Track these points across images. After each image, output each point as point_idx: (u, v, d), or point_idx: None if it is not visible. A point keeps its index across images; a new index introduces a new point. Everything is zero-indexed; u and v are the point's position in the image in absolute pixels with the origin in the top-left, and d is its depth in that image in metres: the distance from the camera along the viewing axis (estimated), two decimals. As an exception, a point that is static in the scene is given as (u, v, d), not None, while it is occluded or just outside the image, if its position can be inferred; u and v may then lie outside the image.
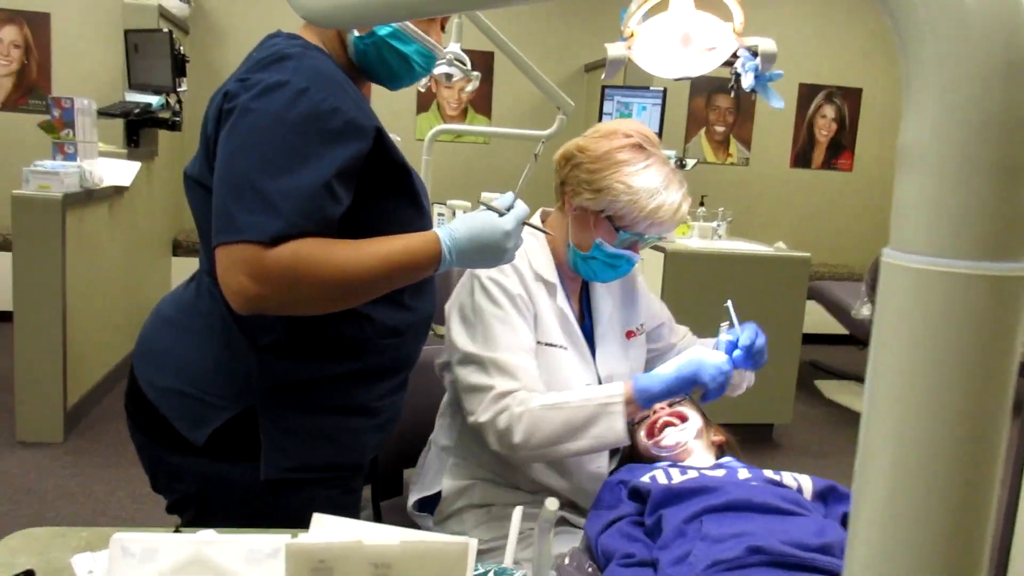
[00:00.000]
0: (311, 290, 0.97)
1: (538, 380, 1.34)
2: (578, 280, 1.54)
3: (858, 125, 6.21)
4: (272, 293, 0.95)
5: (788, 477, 1.27)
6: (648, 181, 1.36)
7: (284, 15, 1.97)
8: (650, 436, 1.43)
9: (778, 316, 3.52)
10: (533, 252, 1.45)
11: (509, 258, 1.11)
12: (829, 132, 6.18)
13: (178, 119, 4.24)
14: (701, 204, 4.17)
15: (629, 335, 1.54)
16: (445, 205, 4.12)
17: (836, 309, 4.54)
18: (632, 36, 1.55)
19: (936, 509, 0.31)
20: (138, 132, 4.16)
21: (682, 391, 1.32)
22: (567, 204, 1.44)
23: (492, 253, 1.08)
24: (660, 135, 5.37)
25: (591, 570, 1.16)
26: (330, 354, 1.12)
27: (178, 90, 4.15)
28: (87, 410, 3.42)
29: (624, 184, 1.34)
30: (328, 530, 0.77)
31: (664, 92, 4.66)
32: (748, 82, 1.58)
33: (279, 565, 0.78)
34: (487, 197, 3.99)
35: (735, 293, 1.47)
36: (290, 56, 1.01)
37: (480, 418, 1.32)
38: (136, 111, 3.99)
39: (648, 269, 3.55)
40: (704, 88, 5.87)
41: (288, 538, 0.72)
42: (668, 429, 1.42)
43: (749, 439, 3.66)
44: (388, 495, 1.72)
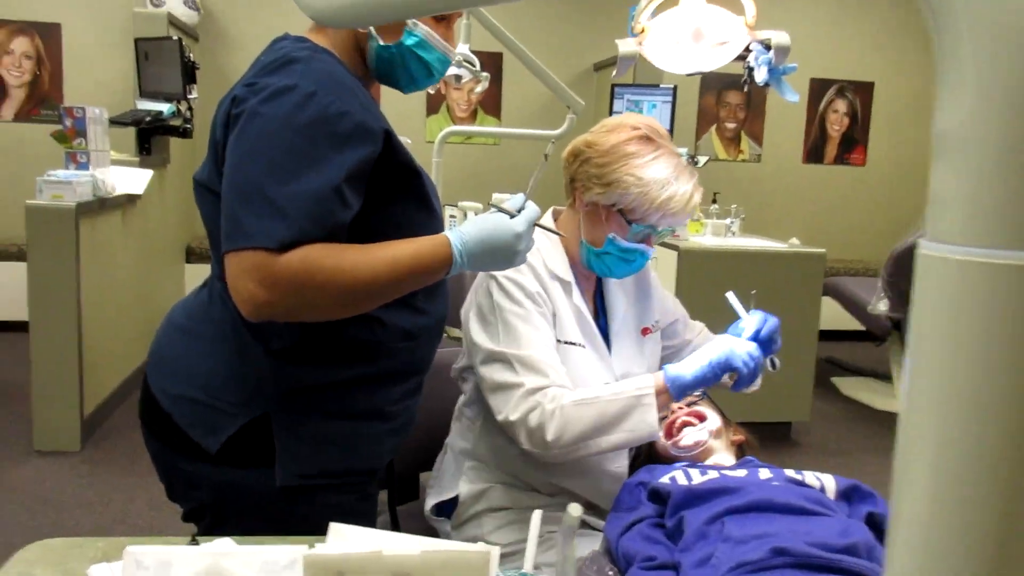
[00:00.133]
0: (321, 296, 0.96)
1: (565, 376, 1.32)
2: (592, 278, 1.52)
3: (870, 119, 6.16)
4: (282, 299, 0.94)
5: (810, 476, 1.25)
6: (658, 172, 1.34)
7: (293, 20, 1.97)
8: (669, 436, 1.41)
9: (794, 313, 3.49)
10: (547, 251, 1.44)
11: (520, 260, 1.10)
12: (841, 127, 6.13)
13: (189, 126, 4.25)
14: (714, 201, 4.14)
15: (644, 332, 1.53)
16: (456, 207, 4.11)
17: (852, 305, 4.49)
18: (643, 32, 1.53)
19: (981, 507, 0.29)
20: (150, 140, 4.17)
21: (715, 379, 1.31)
22: (578, 201, 1.43)
23: (503, 255, 1.07)
24: (671, 133, 5.34)
25: (611, 573, 1.14)
26: (343, 358, 1.11)
27: (188, 97, 4.17)
28: (103, 419, 3.43)
29: (634, 176, 1.33)
30: (346, 540, 0.76)
31: (674, 90, 4.64)
32: (761, 76, 1.56)
33: (296, 576, 0.77)
34: (498, 199, 3.98)
35: (749, 290, 1.45)
36: (298, 60, 1.00)
37: (511, 416, 1.30)
38: (147, 119, 4.01)
39: (662, 267, 3.53)
40: (714, 85, 5.84)
41: (305, 549, 0.71)
42: (687, 429, 1.40)
43: (767, 437, 3.63)
44: (405, 499, 1.71)
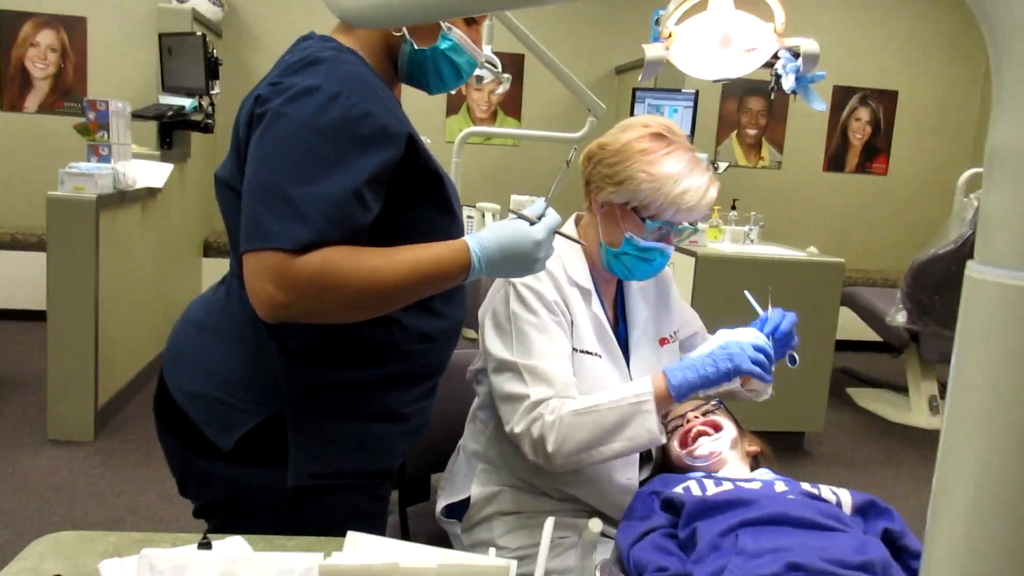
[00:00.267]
0: (338, 299, 0.95)
1: (572, 386, 1.31)
2: (613, 285, 1.51)
3: (893, 128, 6.10)
4: (298, 301, 0.93)
5: (826, 490, 1.23)
6: (670, 167, 1.33)
7: (316, 17, 1.97)
8: (683, 446, 1.40)
9: (811, 323, 3.45)
10: (568, 257, 1.43)
11: (539, 268, 1.09)
12: (863, 135, 6.08)
13: (211, 121, 4.27)
14: (733, 208, 4.12)
15: (662, 342, 1.51)
16: (475, 208, 4.11)
17: (870, 316, 4.45)
18: (670, 37, 1.52)
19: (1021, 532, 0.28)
20: (171, 134, 4.20)
21: (720, 374, 1.27)
22: (593, 203, 1.42)
23: (522, 263, 1.06)
24: (692, 138, 5.32)
25: (623, 583, 1.13)
26: (360, 359, 1.10)
27: (211, 93, 4.19)
28: (117, 410, 3.45)
29: (645, 172, 1.32)
30: (363, 549, 0.75)
31: (696, 94, 4.62)
32: (789, 84, 1.54)
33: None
34: (518, 202, 3.96)
35: (766, 299, 1.43)
36: (323, 60, 0.99)
37: (516, 428, 1.30)
38: (169, 113, 4.03)
39: (679, 274, 3.51)
40: (736, 91, 5.80)
41: (320, 557, 0.70)
42: (702, 439, 1.39)
43: (780, 447, 3.58)
44: (415, 500, 1.70)
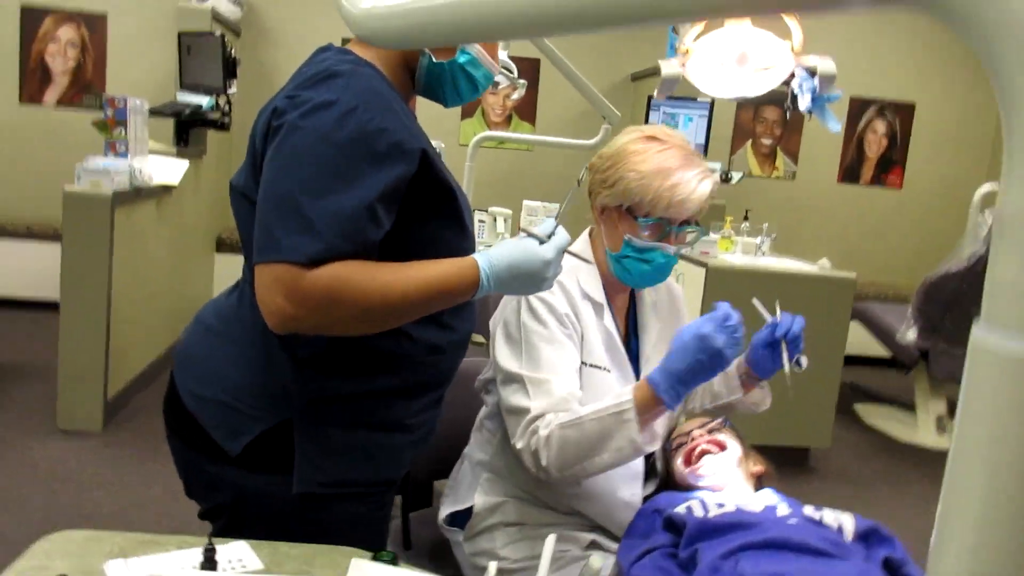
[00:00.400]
0: (347, 313, 0.96)
1: (575, 400, 1.31)
2: (625, 299, 1.51)
3: (910, 141, 6.07)
4: (308, 315, 0.94)
5: (829, 515, 1.23)
6: (660, 163, 1.34)
7: (334, 18, 1.99)
8: (687, 464, 1.40)
9: (820, 338, 3.44)
10: (581, 270, 1.43)
11: (547, 286, 1.10)
12: (879, 148, 6.05)
13: (227, 120, 4.30)
14: (745, 219, 4.10)
15: None
16: (487, 212, 4.11)
17: (880, 332, 4.43)
18: (687, 53, 1.52)
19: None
20: (188, 132, 4.23)
21: (704, 363, 1.20)
22: (595, 211, 1.44)
23: (531, 281, 1.07)
24: (706, 147, 5.32)
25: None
26: (369, 370, 1.11)
27: (228, 92, 4.21)
28: (126, 402, 3.48)
29: (635, 171, 1.34)
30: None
31: (711, 104, 4.61)
32: (805, 103, 1.54)
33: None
34: (530, 207, 3.96)
35: (774, 306, 1.43)
36: (340, 74, 1.00)
37: (518, 444, 1.31)
38: (187, 112, 4.06)
39: (689, 284, 3.50)
40: (752, 100, 5.79)
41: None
42: (706, 457, 1.39)
43: (784, 462, 3.57)
44: (418, 506, 1.71)
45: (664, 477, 1.50)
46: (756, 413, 1.56)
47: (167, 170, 3.72)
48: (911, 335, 4.00)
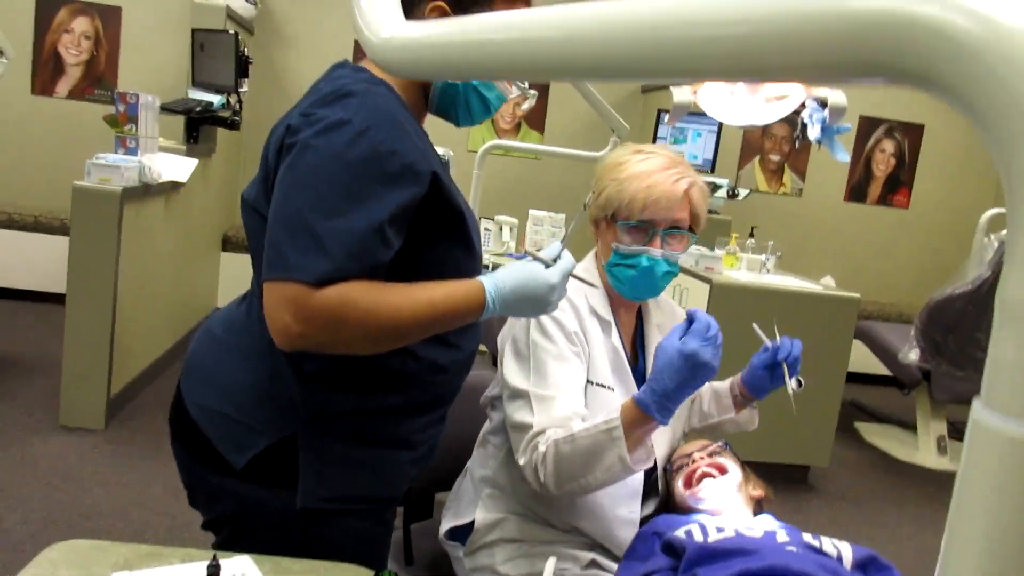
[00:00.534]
0: (353, 333, 0.97)
1: (576, 417, 1.31)
2: (632, 317, 1.53)
3: (917, 162, 6.08)
4: (315, 334, 0.95)
5: (828, 543, 1.24)
6: (639, 169, 1.39)
7: (348, 20, 2.01)
8: (687, 486, 1.40)
9: (822, 356, 3.45)
10: (589, 288, 1.45)
11: (552, 309, 1.11)
12: (887, 167, 6.05)
13: (237, 118, 4.31)
14: (751, 236, 4.11)
15: None
16: (493, 220, 4.13)
17: (882, 351, 4.43)
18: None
19: None
20: (198, 129, 4.24)
21: (688, 374, 1.17)
22: (592, 229, 1.48)
23: (536, 304, 1.08)
24: (714, 161, 5.32)
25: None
26: (374, 387, 1.12)
27: (239, 91, 4.23)
28: (129, 399, 3.49)
29: (615, 179, 1.39)
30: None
31: (720, 119, 4.62)
32: (814, 134, 1.55)
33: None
34: (535, 219, 3.97)
35: (781, 330, 1.45)
36: (354, 93, 1.01)
37: (521, 460, 1.32)
38: (197, 109, 4.07)
39: (693, 301, 3.51)
40: (761, 116, 5.80)
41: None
42: (706, 480, 1.39)
43: (784, 480, 3.59)
44: (419, 517, 1.72)
45: (664, 497, 1.51)
46: (744, 431, 1.60)
47: (176, 167, 3.74)
48: (913, 356, 4.00)
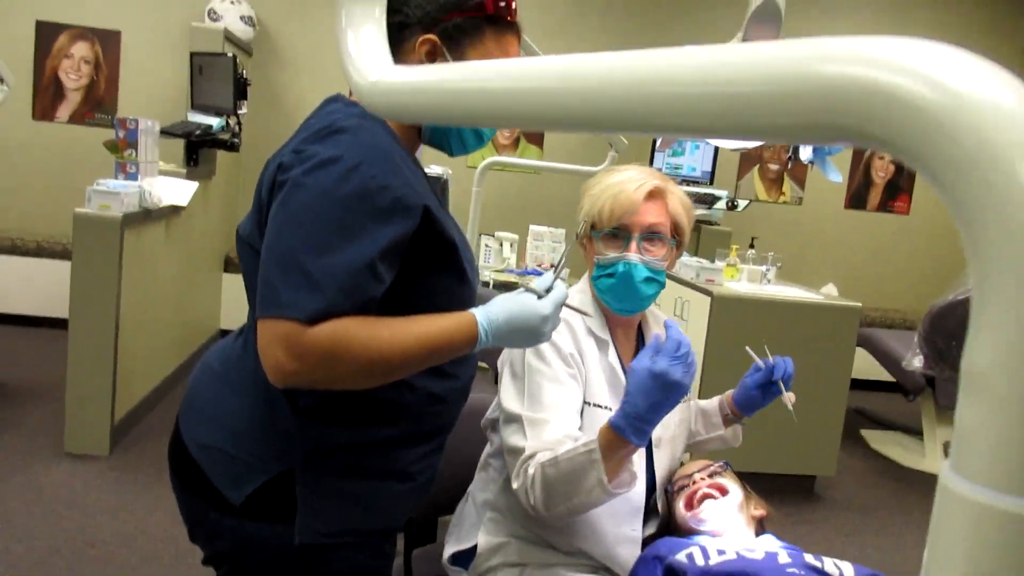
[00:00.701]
0: (346, 369, 0.98)
1: (568, 440, 1.30)
2: (631, 338, 1.53)
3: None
4: (308, 371, 0.96)
5: (830, 563, 1.23)
6: (610, 181, 1.44)
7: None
8: (689, 508, 1.40)
9: (825, 366, 3.44)
10: (587, 309, 1.45)
11: (545, 339, 1.12)
12: (887, 174, 6.05)
13: (237, 140, 4.34)
14: (751, 246, 4.11)
15: None
16: (493, 237, 4.14)
17: (886, 358, 4.42)
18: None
19: None
20: (198, 152, 4.27)
21: (658, 392, 1.17)
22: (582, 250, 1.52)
23: (529, 336, 1.09)
24: (713, 172, 5.34)
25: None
26: (370, 420, 1.12)
27: (238, 112, 4.26)
28: (133, 424, 3.50)
29: (590, 195, 1.45)
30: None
31: (718, 130, 4.62)
32: (807, 155, 1.55)
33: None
34: (536, 234, 3.99)
35: (782, 340, 1.47)
36: (346, 129, 1.02)
37: (514, 483, 1.32)
38: (197, 132, 4.10)
39: (694, 313, 3.51)
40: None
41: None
42: (707, 502, 1.39)
43: (790, 491, 3.58)
44: (422, 542, 1.72)
45: (666, 519, 1.50)
46: (735, 447, 1.63)
47: (176, 191, 3.76)
48: (917, 363, 3.99)
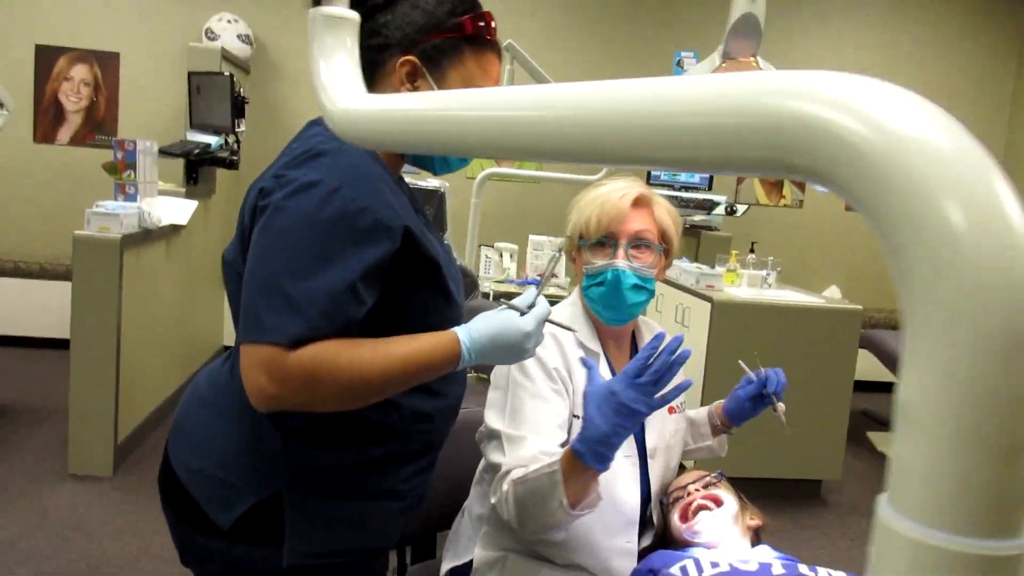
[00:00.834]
0: (329, 392, 0.98)
1: (545, 457, 1.29)
2: (625, 347, 1.53)
3: (917, 167, 6.06)
4: (291, 394, 0.96)
5: (823, 573, 1.23)
6: (595, 193, 1.47)
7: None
8: (683, 520, 1.40)
9: (827, 369, 3.43)
10: (577, 322, 1.46)
11: (529, 355, 1.12)
12: (887, 173, 6.04)
13: (236, 158, 4.36)
14: (751, 251, 4.11)
15: (670, 411, 1.53)
16: (492, 247, 4.14)
17: (889, 360, 4.41)
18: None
19: None
20: (197, 171, 4.29)
21: (614, 414, 1.17)
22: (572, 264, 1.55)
23: (512, 352, 1.09)
24: (711, 177, 5.32)
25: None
26: (358, 440, 1.12)
27: (236, 130, 4.28)
28: (137, 444, 3.50)
29: (576, 208, 1.49)
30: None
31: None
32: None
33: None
34: (536, 243, 4.01)
35: (783, 344, 1.49)
36: (326, 152, 1.02)
37: (492, 499, 1.33)
38: (196, 151, 4.12)
39: (694, 319, 3.50)
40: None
41: None
42: (702, 513, 1.39)
43: (795, 496, 3.56)
44: (421, 558, 1.72)
45: (662, 531, 1.50)
46: (722, 456, 1.65)
47: (176, 210, 3.78)
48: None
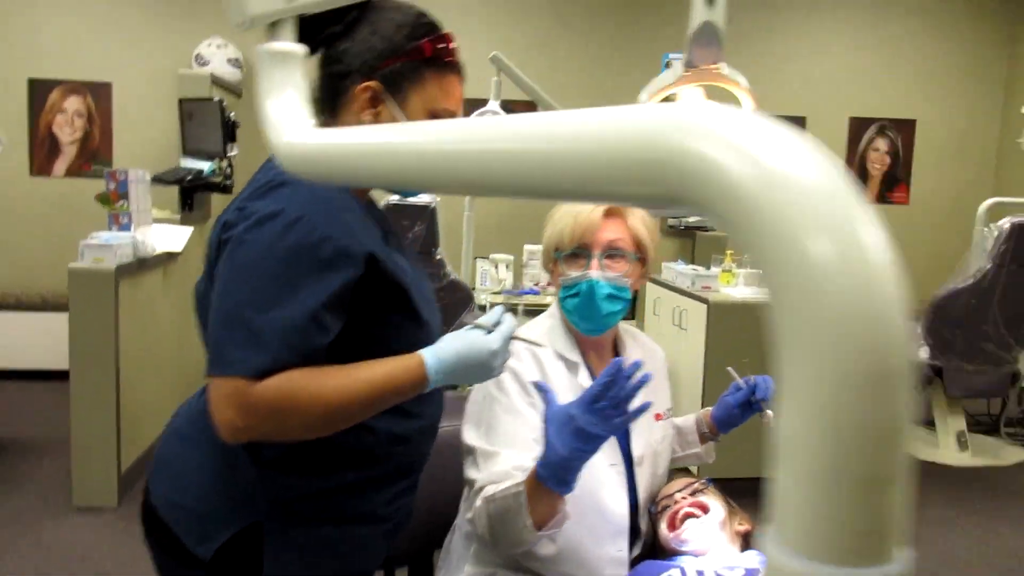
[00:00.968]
0: (296, 422, 0.99)
1: (518, 472, 1.28)
2: (605, 359, 1.53)
3: (913, 157, 6.05)
4: (258, 425, 0.97)
5: (813, 578, 1.22)
6: (569, 205, 1.44)
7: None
8: (671, 528, 1.40)
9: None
10: (554, 333, 1.46)
11: (496, 374, 1.12)
12: (883, 166, 6.03)
13: (229, 182, 4.38)
14: (746, 250, 4.10)
15: (657, 417, 1.53)
16: (488, 259, 4.15)
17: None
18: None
19: None
20: (192, 196, 4.31)
21: (576, 438, 1.16)
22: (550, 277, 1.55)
23: (479, 371, 1.09)
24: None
25: None
26: (334, 467, 1.13)
27: (228, 155, 4.31)
28: (140, 473, 3.51)
29: (551, 222, 1.47)
30: None
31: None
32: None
33: None
34: (530, 253, 4.04)
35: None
36: (287, 183, 1.03)
37: (466, 515, 1.33)
38: (188, 178, 4.14)
39: (691, 320, 3.50)
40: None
41: None
42: (689, 521, 1.39)
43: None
44: (418, 576, 1.71)
45: (650, 540, 1.50)
46: (709, 462, 1.65)
47: (171, 238, 3.80)
48: (922, 354, 3.97)
